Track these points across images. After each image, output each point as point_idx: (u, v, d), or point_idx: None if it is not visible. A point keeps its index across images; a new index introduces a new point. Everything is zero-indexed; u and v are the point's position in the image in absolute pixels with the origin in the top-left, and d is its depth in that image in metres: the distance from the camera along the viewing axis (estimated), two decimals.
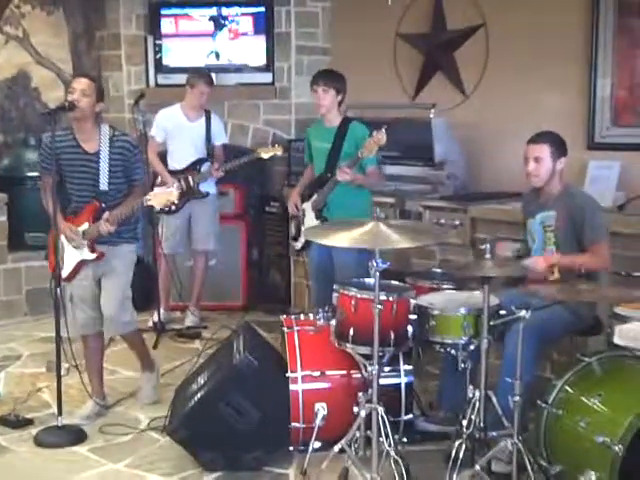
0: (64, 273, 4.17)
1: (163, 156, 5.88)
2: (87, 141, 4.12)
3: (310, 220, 4.75)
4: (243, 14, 6.52)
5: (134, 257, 4.33)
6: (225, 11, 6.56)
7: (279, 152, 5.86)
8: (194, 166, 5.78)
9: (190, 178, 5.73)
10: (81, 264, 4.19)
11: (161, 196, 4.14)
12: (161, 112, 5.86)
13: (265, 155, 5.82)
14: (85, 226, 4.14)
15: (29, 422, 4.23)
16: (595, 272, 3.75)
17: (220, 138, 5.95)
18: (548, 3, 5.07)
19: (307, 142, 4.96)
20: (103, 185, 4.10)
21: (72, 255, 4.19)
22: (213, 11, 6.57)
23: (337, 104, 4.69)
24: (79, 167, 4.11)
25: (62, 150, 4.10)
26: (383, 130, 4.31)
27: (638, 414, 2.99)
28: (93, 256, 4.16)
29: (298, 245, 4.92)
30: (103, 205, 4.11)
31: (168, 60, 6.60)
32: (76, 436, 4.06)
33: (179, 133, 5.81)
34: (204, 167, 5.78)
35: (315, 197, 4.73)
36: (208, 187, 5.86)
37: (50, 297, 4.10)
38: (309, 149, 4.92)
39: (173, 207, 5.51)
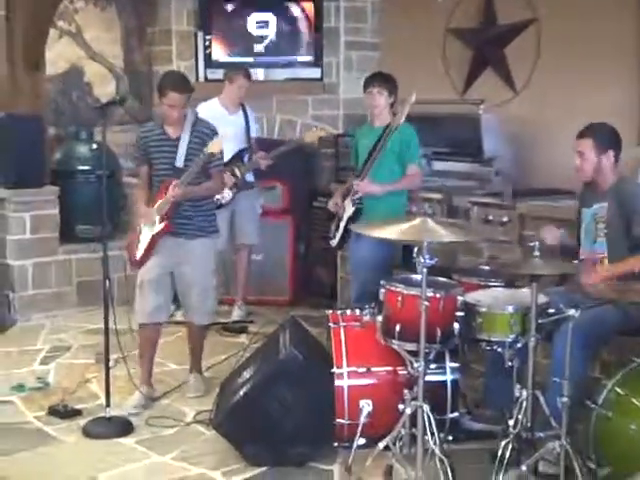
0: (138, 254, 4.30)
1: None
2: (172, 128, 4.29)
3: (348, 211, 4.77)
4: (293, 9, 6.53)
5: (212, 249, 4.43)
6: (274, 6, 6.58)
7: (323, 133, 5.84)
8: (238, 157, 5.79)
9: (237, 170, 5.74)
10: (154, 241, 4.27)
11: (216, 142, 4.21)
12: (200, 106, 5.87)
13: (309, 139, 5.80)
14: (158, 203, 4.25)
15: (77, 412, 4.28)
16: None
17: (254, 130, 5.96)
18: None
19: (354, 144, 4.99)
20: (179, 162, 4.24)
21: (146, 235, 4.31)
22: (263, 6, 6.59)
23: (389, 105, 4.73)
24: (163, 152, 4.29)
25: (151, 139, 4.31)
26: (414, 92, 4.37)
27: None
28: (161, 226, 4.25)
29: (334, 242, 4.94)
30: (176, 180, 4.21)
31: (217, 55, 6.64)
32: (123, 428, 4.10)
33: (221, 125, 5.81)
34: (247, 158, 5.80)
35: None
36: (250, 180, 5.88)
37: (99, 290, 4.16)
38: (356, 151, 4.94)
39: (224, 201, 5.56)
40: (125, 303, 4.55)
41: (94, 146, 6.28)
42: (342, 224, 4.81)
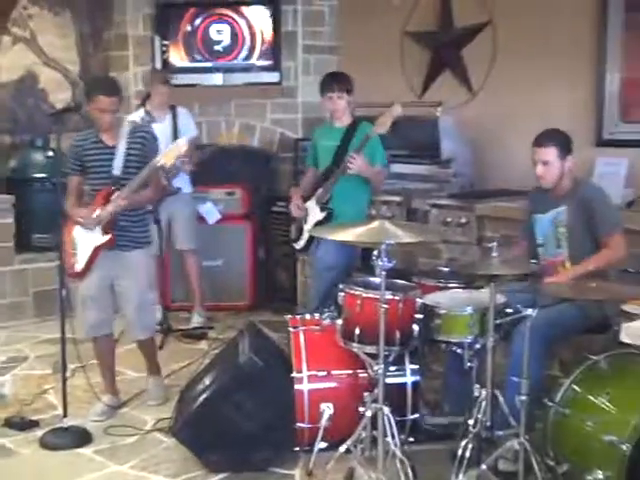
0: (79, 267, 4.18)
1: None
2: (108, 135, 4.19)
3: (314, 215, 4.73)
4: (250, 13, 6.52)
5: (148, 261, 4.35)
6: (232, 10, 6.56)
7: (236, 139, 5.78)
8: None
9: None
10: (96, 253, 4.17)
11: (170, 152, 4.14)
12: (128, 118, 5.80)
13: (225, 140, 5.74)
14: (97, 212, 4.13)
15: (35, 424, 4.21)
16: (604, 270, 3.71)
17: (189, 132, 5.90)
18: None
19: (313, 144, 4.96)
20: (116, 170, 4.13)
21: (86, 246, 4.18)
22: (220, 11, 6.57)
23: (349, 105, 4.73)
24: (98, 160, 4.18)
25: (85, 147, 4.19)
26: (398, 104, 4.36)
27: None
28: (106, 238, 4.14)
29: (300, 244, 4.91)
30: (114, 189, 4.12)
31: (175, 60, 6.60)
32: (81, 438, 4.04)
33: None
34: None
35: (320, 191, 4.72)
36: (183, 186, 5.77)
37: (56, 300, 4.10)
38: (314, 151, 4.92)
39: (150, 207, 5.49)
40: None
41: (50, 153, 6.19)
42: (307, 227, 4.79)
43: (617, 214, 3.80)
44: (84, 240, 4.18)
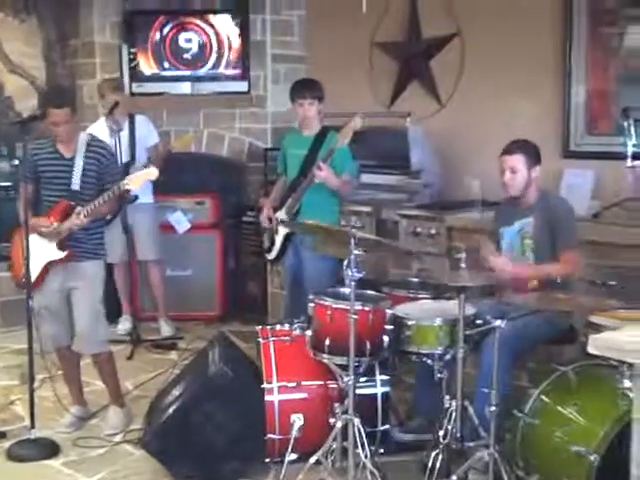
0: (31, 279, 4.07)
1: None
2: (66, 146, 4.13)
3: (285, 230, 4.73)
4: (218, 22, 6.51)
5: (101, 273, 4.26)
6: (200, 19, 6.55)
7: (189, 140, 5.83)
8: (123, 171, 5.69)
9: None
10: (49, 267, 4.12)
11: (139, 178, 4.12)
12: (88, 129, 5.77)
13: (180, 147, 5.73)
14: (54, 225, 4.07)
15: (2, 435, 4.17)
16: (570, 281, 3.76)
17: (150, 139, 5.88)
18: (522, 11, 5.07)
19: (283, 151, 4.95)
20: (75, 185, 4.08)
21: (39, 258, 4.10)
22: (188, 19, 6.56)
23: (318, 113, 4.73)
24: (55, 171, 4.12)
25: (41, 157, 4.13)
26: (359, 115, 4.33)
27: (613, 424, 2.99)
28: (62, 254, 4.10)
29: (272, 254, 4.89)
30: (72, 204, 4.07)
31: (143, 68, 6.57)
32: (49, 449, 4.02)
33: None
34: (132, 170, 5.69)
35: (289, 201, 4.72)
36: (144, 196, 5.67)
37: (23, 310, 4.05)
38: (284, 158, 4.91)
39: (109, 216, 5.46)
40: None
41: (15, 162, 6.13)
42: (279, 238, 4.78)
43: (576, 230, 3.84)
44: (38, 251, 4.09)
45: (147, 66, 6.59)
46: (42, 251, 4.10)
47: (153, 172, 4.15)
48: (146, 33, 6.54)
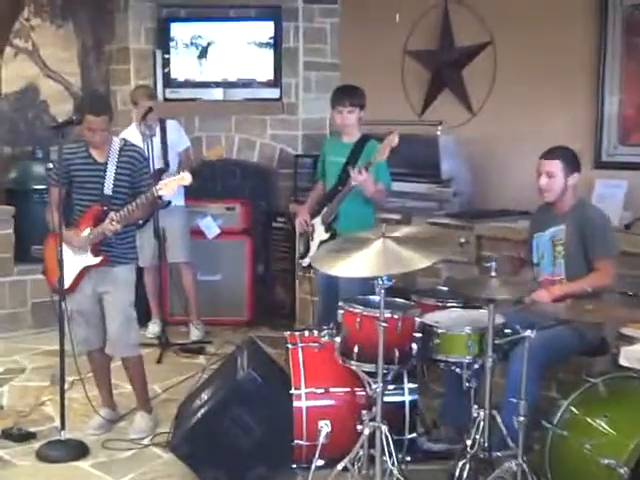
0: (65, 284, 4.11)
1: None
2: (99, 152, 4.15)
3: (319, 234, 4.72)
4: (251, 29, 6.56)
5: (133, 277, 4.29)
6: (234, 25, 6.60)
7: (222, 152, 5.86)
8: (155, 177, 5.73)
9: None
10: (84, 272, 4.15)
11: (172, 183, 4.13)
12: (120, 135, 5.84)
13: (212, 157, 5.77)
14: (87, 231, 4.11)
15: (32, 436, 4.21)
16: (601, 292, 3.73)
17: (180, 144, 5.92)
18: (556, 20, 5.06)
19: (322, 157, 4.92)
20: (107, 189, 4.11)
21: (74, 264, 4.14)
22: (223, 25, 6.61)
23: (359, 120, 4.67)
24: (88, 176, 4.14)
25: (74, 162, 4.14)
26: (396, 132, 4.29)
27: None
28: (97, 260, 4.13)
29: (306, 261, 4.87)
30: (105, 209, 4.09)
31: (176, 74, 6.63)
32: (79, 451, 4.05)
33: None
34: (164, 177, 5.74)
35: (325, 210, 4.69)
36: (176, 199, 5.75)
37: (53, 310, 4.10)
38: (323, 164, 4.88)
39: (140, 221, 5.52)
40: None
41: (49, 165, 6.18)
42: (313, 245, 4.77)
43: (613, 241, 3.81)
44: (72, 257, 4.12)
45: (180, 72, 6.65)
46: (76, 256, 4.14)
47: (186, 177, 4.17)
48: (180, 39, 6.61)
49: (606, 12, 4.82)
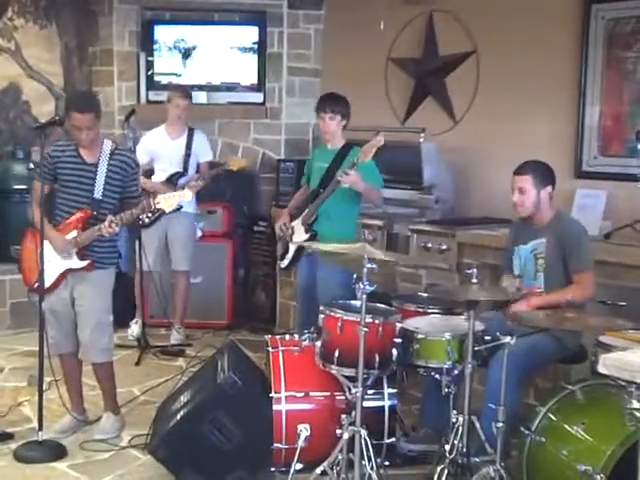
0: (45, 283, 4.04)
1: (152, 174, 5.90)
2: (88, 152, 4.11)
3: (299, 235, 4.76)
4: (236, 33, 6.57)
5: (110, 282, 4.24)
6: (218, 29, 6.61)
7: (245, 164, 5.91)
8: (170, 180, 5.76)
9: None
10: (66, 274, 4.11)
11: (172, 199, 4.08)
12: (146, 134, 5.89)
13: (234, 167, 5.83)
14: (73, 234, 4.06)
15: (9, 436, 4.18)
16: (570, 304, 3.75)
17: (204, 155, 5.95)
18: (538, 31, 5.11)
19: (309, 163, 4.98)
20: (97, 193, 4.06)
21: (57, 265, 4.08)
22: (206, 29, 6.62)
23: (341, 128, 4.73)
24: (76, 177, 4.09)
25: (61, 159, 4.08)
26: (382, 133, 4.34)
27: (620, 443, 2.99)
28: (83, 264, 4.08)
29: (284, 263, 4.91)
30: (94, 213, 4.06)
31: (159, 77, 6.63)
32: (56, 452, 4.02)
33: (161, 152, 5.84)
34: (181, 181, 5.77)
35: (306, 211, 4.74)
36: (186, 206, 5.74)
37: (32, 312, 4.06)
38: (309, 170, 4.94)
39: (147, 220, 5.53)
40: None
41: (31, 165, 6.18)
42: (292, 247, 4.80)
43: (590, 253, 3.84)
44: (54, 257, 4.07)
45: (164, 75, 6.65)
46: (59, 257, 4.08)
47: (187, 195, 4.15)
48: (164, 42, 6.61)
49: (588, 24, 4.88)
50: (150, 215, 5.48)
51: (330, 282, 4.45)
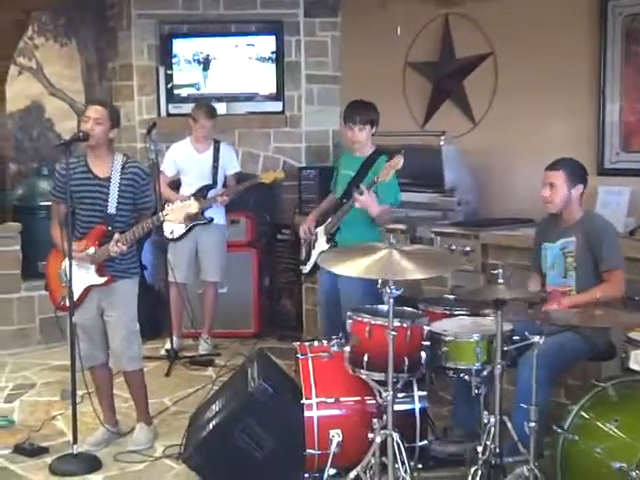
0: (69, 301, 4.07)
1: (177, 186, 5.94)
2: (99, 166, 4.13)
3: (321, 244, 4.76)
4: (254, 43, 6.62)
5: (135, 291, 4.28)
6: (236, 40, 6.66)
7: (281, 176, 5.92)
8: (200, 193, 5.81)
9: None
10: (88, 290, 4.15)
11: (179, 210, 4.07)
12: (172, 146, 5.95)
13: (267, 180, 5.86)
14: (91, 250, 4.09)
15: (44, 450, 4.23)
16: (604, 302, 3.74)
17: (231, 168, 6.00)
18: (556, 30, 5.11)
19: (336, 169, 4.96)
20: (111, 208, 4.09)
21: (79, 281, 4.11)
22: (224, 40, 6.67)
23: (370, 136, 4.66)
24: (89, 192, 4.10)
25: (73, 177, 4.08)
26: (400, 155, 4.31)
27: None
28: (102, 280, 4.13)
29: (306, 269, 4.92)
30: (109, 229, 4.09)
31: (179, 90, 6.69)
32: (91, 464, 4.06)
33: (188, 166, 5.89)
34: (211, 194, 5.82)
35: (329, 220, 4.74)
36: (217, 217, 5.88)
37: (57, 327, 4.08)
38: (336, 177, 4.92)
39: (174, 235, 5.59)
40: None
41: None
42: (314, 253, 4.81)
43: (621, 251, 3.84)
44: (77, 274, 4.07)
45: (183, 87, 6.71)
46: (81, 275, 4.11)
47: (193, 205, 4.12)
48: (182, 55, 6.67)
49: (605, 21, 4.87)
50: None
51: (353, 293, 4.37)
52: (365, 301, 4.12)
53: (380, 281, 3.44)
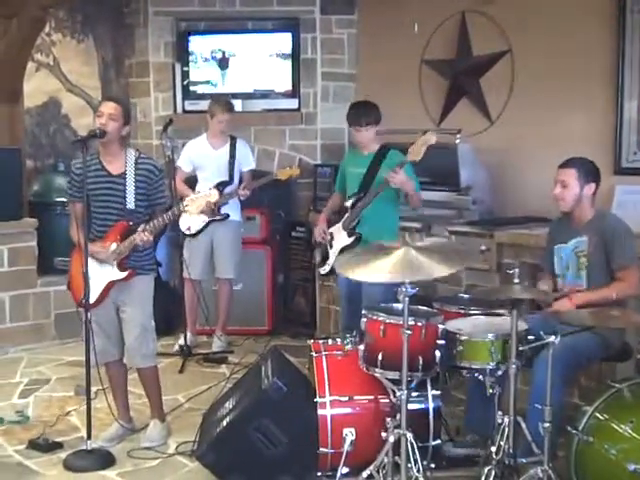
0: (92, 298, 4.10)
1: (193, 182, 5.95)
2: (112, 163, 4.14)
3: (341, 240, 4.79)
4: (270, 41, 6.62)
5: (151, 288, 4.29)
6: (252, 37, 6.65)
7: (296, 173, 5.92)
8: (216, 188, 5.79)
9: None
10: (110, 286, 4.17)
11: (199, 200, 4.11)
12: (188, 143, 5.95)
13: (282, 176, 5.86)
14: (113, 246, 4.11)
15: (58, 446, 4.25)
16: (616, 301, 3.72)
17: (247, 164, 6.00)
18: (573, 28, 5.08)
19: (342, 170, 5.01)
20: (130, 204, 4.11)
21: (100, 278, 4.15)
22: (240, 38, 6.67)
23: (375, 133, 4.79)
24: (104, 189, 4.12)
25: (88, 176, 4.08)
26: (431, 132, 4.38)
27: None
28: (123, 275, 4.14)
29: (326, 269, 4.92)
30: (131, 223, 4.11)
31: (195, 86, 6.70)
32: (105, 460, 4.07)
33: (205, 162, 5.88)
34: (227, 189, 5.82)
35: (347, 216, 4.77)
36: (233, 213, 5.88)
37: (77, 322, 4.11)
38: (342, 177, 4.97)
39: (191, 231, 5.60)
40: None
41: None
42: (333, 252, 4.82)
43: (634, 249, 3.81)
44: (98, 271, 4.13)
45: (199, 84, 6.71)
46: (102, 272, 4.15)
47: (214, 194, 4.17)
48: (199, 52, 6.67)
49: (623, 18, 4.83)
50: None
51: (375, 292, 4.36)
52: (388, 298, 4.10)
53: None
